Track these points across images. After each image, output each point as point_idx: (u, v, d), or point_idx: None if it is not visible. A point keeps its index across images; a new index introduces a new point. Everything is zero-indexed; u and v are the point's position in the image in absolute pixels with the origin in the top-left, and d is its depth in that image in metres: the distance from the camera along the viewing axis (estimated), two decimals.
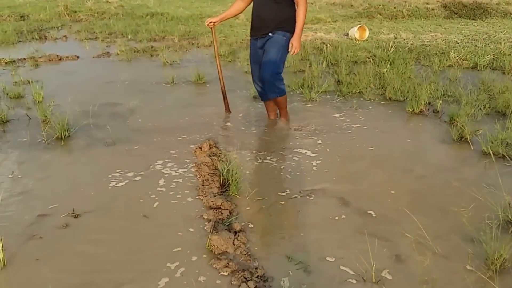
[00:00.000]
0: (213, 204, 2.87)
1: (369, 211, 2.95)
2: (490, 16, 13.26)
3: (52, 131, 4.30)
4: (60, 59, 7.80)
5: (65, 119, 4.30)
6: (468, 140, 4.11)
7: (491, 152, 3.64)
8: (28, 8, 15.17)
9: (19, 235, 2.66)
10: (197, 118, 4.84)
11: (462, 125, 4.27)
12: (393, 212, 2.95)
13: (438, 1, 14.93)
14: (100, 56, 8.07)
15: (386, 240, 2.58)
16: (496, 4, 14.71)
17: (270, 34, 4.34)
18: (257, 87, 4.71)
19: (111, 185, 3.30)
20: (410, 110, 5.03)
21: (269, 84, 4.40)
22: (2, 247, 2.38)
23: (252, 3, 4.48)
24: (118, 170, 3.54)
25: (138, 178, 3.43)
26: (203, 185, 3.20)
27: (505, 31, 10.77)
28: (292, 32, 4.31)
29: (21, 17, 13.24)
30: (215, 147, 3.97)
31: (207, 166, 3.51)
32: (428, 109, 5.06)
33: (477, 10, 13.35)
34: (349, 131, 4.53)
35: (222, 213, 2.75)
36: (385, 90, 5.70)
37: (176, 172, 3.50)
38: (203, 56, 8.23)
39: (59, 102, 5.32)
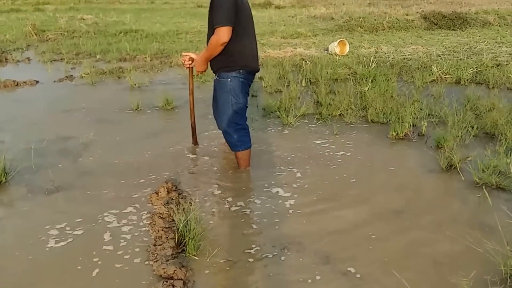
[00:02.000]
0: (164, 273, 2.38)
1: (349, 268, 2.52)
2: (470, 26, 13.10)
3: None
4: (16, 85, 7.17)
5: (1, 162, 3.69)
6: (458, 169, 3.74)
7: (484, 188, 3.29)
8: None
9: None
10: (158, 153, 4.33)
11: (450, 152, 3.89)
12: (376, 268, 2.52)
13: (417, 12, 14.76)
14: (62, 80, 7.47)
15: None
16: (475, 13, 14.56)
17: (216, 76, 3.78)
18: None
19: (48, 245, 2.77)
20: (394, 134, 4.64)
21: (226, 135, 3.85)
22: None
23: None
24: (58, 226, 3.01)
25: (80, 234, 2.91)
26: (155, 245, 2.70)
27: (486, 42, 10.55)
28: (236, 70, 3.62)
29: None
30: (175, 190, 3.47)
31: (162, 218, 3.02)
32: (413, 132, 4.69)
33: (457, 21, 13.18)
34: (329, 161, 4.13)
35: (173, 286, 2.27)
36: (367, 112, 5.32)
37: (126, 226, 3.00)
38: (175, 77, 7.77)
39: (3, 138, 4.72)
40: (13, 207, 3.38)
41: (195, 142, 4.51)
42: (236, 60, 3.58)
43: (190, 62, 3.96)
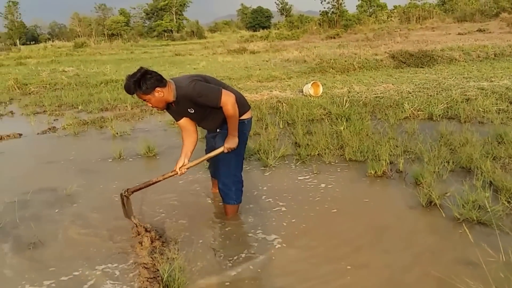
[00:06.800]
0: None
1: None
2: (437, 63, 13.35)
3: None
4: (0, 139, 7.04)
5: None
6: (438, 205, 3.67)
7: (464, 225, 3.22)
8: None
9: None
10: (141, 202, 4.20)
11: (429, 188, 3.83)
12: None
13: (386, 52, 15.05)
14: (45, 132, 7.37)
15: None
16: (441, 50, 14.92)
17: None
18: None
19: None
20: (372, 172, 4.57)
21: (223, 186, 3.69)
22: None
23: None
24: (43, 280, 2.89)
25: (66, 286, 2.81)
26: None
27: (453, 77, 10.73)
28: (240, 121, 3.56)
29: None
30: (158, 239, 3.35)
31: (146, 268, 2.90)
32: (391, 170, 4.63)
33: (424, 58, 13.44)
34: (312, 197, 4.11)
35: None
36: (344, 151, 5.27)
37: (112, 277, 2.88)
38: (156, 124, 7.69)
39: None
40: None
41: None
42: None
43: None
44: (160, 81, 3.24)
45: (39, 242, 3.46)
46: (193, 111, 3.43)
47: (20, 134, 7.27)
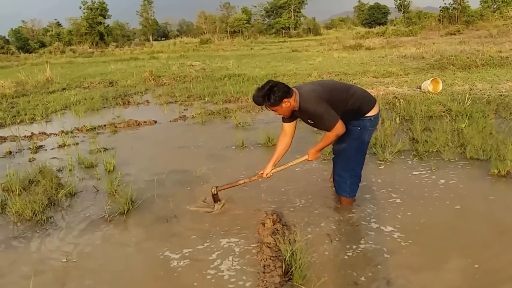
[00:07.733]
0: None
1: None
2: None
3: (116, 205, 4.03)
4: (138, 125, 7.76)
5: (128, 192, 4.04)
6: None
7: None
8: (117, 74, 15.97)
9: None
10: (263, 187, 4.40)
11: None
12: None
13: (511, 49, 13.87)
14: (176, 120, 7.96)
15: None
16: None
17: None
18: None
19: (160, 274, 2.93)
20: (496, 171, 4.32)
21: (338, 178, 3.76)
22: None
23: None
24: (179, 249, 3.21)
25: (197, 256, 3.09)
26: (264, 272, 2.74)
27: None
28: (367, 118, 3.57)
29: (110, 83, 13.78)
30: (279, 222, 3.50)
31: (269, 247, 3.05)
32: None
33: None
34: (429, 192, 3.99)
35: None
36: (465, 149, 5.03)
37: (237, 253, 3.09)
38: (274, 116, 7.84)
39: (129, 170, 5.13)
40: (137, 234, 3.58)
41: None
42: (362, 110, 3.54)
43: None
44: (287, 93, 3.30)
45: (174, 216, 3.82)
46: (312, 122, 3.48)
47: (155, 121, 7.94)
